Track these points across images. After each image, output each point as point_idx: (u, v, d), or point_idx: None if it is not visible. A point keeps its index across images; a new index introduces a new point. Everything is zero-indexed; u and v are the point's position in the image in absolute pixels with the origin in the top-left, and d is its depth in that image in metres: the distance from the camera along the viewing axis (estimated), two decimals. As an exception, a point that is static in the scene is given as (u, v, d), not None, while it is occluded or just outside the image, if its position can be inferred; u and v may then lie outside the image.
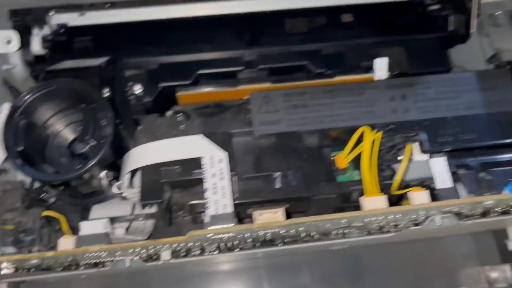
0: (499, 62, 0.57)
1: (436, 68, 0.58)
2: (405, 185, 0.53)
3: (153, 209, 0.49)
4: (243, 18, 0.62)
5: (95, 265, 0.51)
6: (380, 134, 0.47)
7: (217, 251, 0.51)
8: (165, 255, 0.51)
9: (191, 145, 0.46)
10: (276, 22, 0.62)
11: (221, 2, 0.61)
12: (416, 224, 0.46)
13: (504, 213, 0.49)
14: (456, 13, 0.62)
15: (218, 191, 0.44)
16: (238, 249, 0.52)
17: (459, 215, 0.48)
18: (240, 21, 0.62)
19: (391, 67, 0.59)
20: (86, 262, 0.50)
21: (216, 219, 0.43)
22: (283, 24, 0.62)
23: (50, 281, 0.65)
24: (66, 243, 0.45)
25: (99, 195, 0.52)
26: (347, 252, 0.71)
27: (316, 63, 0.59)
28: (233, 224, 0.43)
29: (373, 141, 0.46)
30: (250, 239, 0.49)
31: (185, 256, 0.52)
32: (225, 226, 0.43)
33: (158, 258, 0.51)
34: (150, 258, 0.51)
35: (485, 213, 0.50)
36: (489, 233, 0.75)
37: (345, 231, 0.51)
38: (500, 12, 0.56)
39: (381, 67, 0.57)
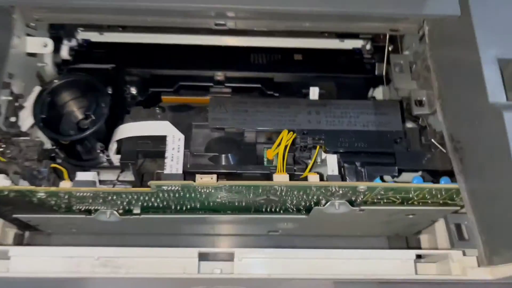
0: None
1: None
2: (316, 178, 0.71)
3: (129, 175, 0.68)
4: (217, 48, 0.80)
5: (84, 212, 0.69)
6: (294, 135, 0.66)
7: (175, 213, 0.69)
8: (136, 209, 0.69)
9: (160, 127, 0.65)
10: (242, 54, 0.79)
11: (202, 35, 0.80)
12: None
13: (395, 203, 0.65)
14: (381, 62, 0.83)
15: (174, 159, 0.63)
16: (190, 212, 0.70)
17: (351, 203, 0.66)
18: (215, 50, 0.80)
19: (324, 96, 0.77)
20: (78, 207, 0.68)
21: (169, 176, 0.61)
22: (248, 56, 0.80)
23: (49, 230, 0.83)
24: (65, 184, 0.61)
25: (94, 160, 0.71)
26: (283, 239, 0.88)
27: (268, 87, 0.77)
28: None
29: (287, 141, 0.65)
30: (198, 203, 0.67)
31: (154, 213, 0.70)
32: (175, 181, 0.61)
33: (131, 213, 0.69)
34: (125, 212, 0.69)
35: (375, 204, 0.67)
36: (403, 239, 0.91)
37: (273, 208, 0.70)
38: (402, 61, 0.75)
39: (313, 93, 0.76)
